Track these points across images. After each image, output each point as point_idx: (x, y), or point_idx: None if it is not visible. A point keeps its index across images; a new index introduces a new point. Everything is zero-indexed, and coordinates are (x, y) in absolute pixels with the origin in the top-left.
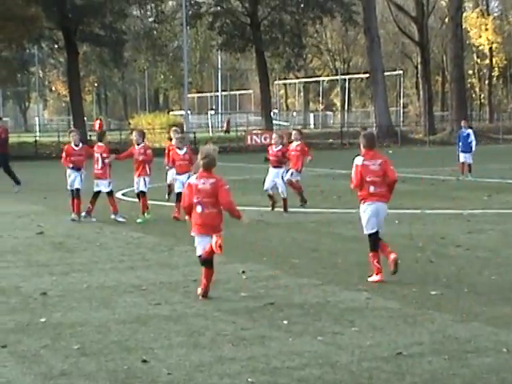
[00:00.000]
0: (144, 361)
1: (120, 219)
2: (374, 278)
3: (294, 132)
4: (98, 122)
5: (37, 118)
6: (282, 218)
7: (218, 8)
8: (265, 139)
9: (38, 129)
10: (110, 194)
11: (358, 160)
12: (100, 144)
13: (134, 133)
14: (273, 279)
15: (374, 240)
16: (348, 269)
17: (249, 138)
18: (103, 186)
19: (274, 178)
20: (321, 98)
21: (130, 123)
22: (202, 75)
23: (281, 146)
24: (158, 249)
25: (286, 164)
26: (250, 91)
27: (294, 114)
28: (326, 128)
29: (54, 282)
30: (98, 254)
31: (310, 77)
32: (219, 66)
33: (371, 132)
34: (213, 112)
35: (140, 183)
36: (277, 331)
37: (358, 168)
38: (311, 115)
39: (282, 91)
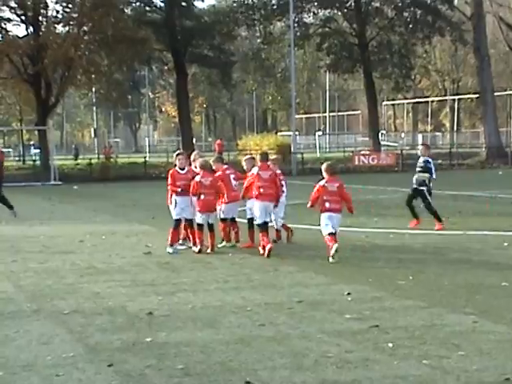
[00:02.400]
0: (247, 382)
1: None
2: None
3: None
4: (218, 142)
5: (147, 139)
6: (388, 240)
7: (326, 29)
8: (372, 160)
9: (147, 149)
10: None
11: (321, 182)
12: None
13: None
14: (378, 301)
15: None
16: (455, 291)
17: (356, 158)
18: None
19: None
20: (429, 119)
21: (237, 144)
22: (310, 96)
23: None
24: (263, 269)
25: None
26: (358, 112)
27: (403, 134)
28: (434, 149)
29: (159, 302)
30: (203, 274)
31: (419, 97)
32: (327, 87)
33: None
34: (320, 133)
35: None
36: (381, 354)
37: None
38: (419, 136)
39: (391, 112)
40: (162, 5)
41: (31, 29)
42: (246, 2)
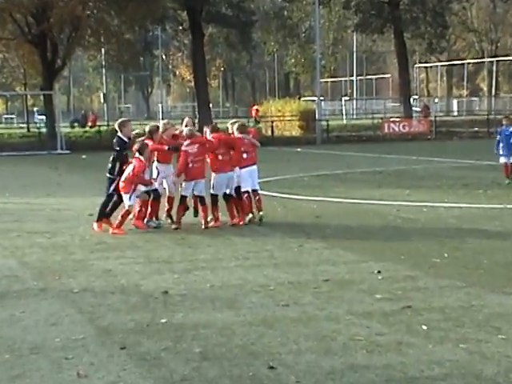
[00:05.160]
0: (271, 367)
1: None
2: None
3: None
4: (255, 108)
5: (160, 105)
6: (421, 214)
7: None
8: (403, 127)
9: (160, 116)
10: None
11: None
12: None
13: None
14: (411, 280)
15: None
16: (494, 269)
17: (386, 126)
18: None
19: None
20: (465, 83)
21: (257, 110)
22: (336, 58)
23: None
24: (286, 246)
25: None
26: (388, 75)
27: (436, 100)
28: (470, 115)
29: (175, 281)
30: (221, 251)
31: (454, 60)
32: (354, 49)
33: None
34: (347, 98)
35: None
36: (415, 337)
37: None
38: (454, 101)
39: (423, 75)
40: None
41: None
42: None
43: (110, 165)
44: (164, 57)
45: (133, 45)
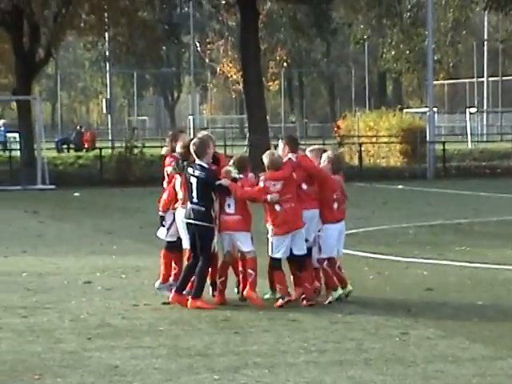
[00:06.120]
0: None
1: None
2: None
3: None
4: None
5: (191, 118)
6: None
7: None
8: None
9: (191, 133)
10: None
11: None
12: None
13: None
14: None
15: None
16: None
17: None
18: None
19: None
20: None
21: (338, 127)
22: (457, 50)
23: None
24: (382, 333)
25: None
26: None
27: None
28: None
29: None
30: (285, 339)
31: None
32: (485, 36)
33: None
34: (474, 110)
35: None
36: None
37: None
38: None
39: None
40: None
41: None
42: None
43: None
44: (198, 46)
45: (151, 27)
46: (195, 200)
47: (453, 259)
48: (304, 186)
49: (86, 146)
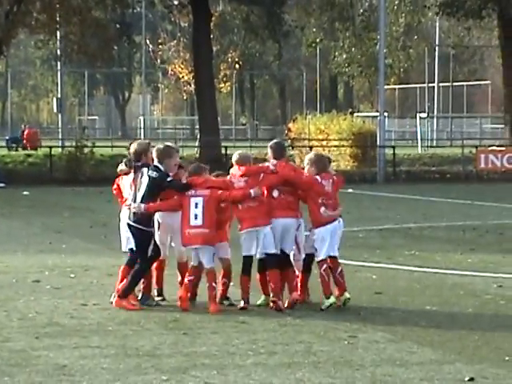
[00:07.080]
0: None
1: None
2: None
3: None
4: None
5: (141, 118)
6: None
7: None
8: (509, 161)
9: (142, 134)
10: None
11: None
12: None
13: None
14: None
15: None
16: None
17: (482, 158)
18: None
19: None
20: None
21: (289, 130)
22: (409, 55)
23: None
24: (331, 336)
25: None
26: (487, 82)
27: None
28: None
29: None
30: (233, 341)
31: None
32: (437, 41)
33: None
34: (424, 115)
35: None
36: None
37: None
38: None
39: None
40: None
41: None
42: None
43: None
44: (150, 46)
45: (103, 27)
46: (138, 201)
47: (402, 263)
48: (275, 194)
49: (26, 143)
